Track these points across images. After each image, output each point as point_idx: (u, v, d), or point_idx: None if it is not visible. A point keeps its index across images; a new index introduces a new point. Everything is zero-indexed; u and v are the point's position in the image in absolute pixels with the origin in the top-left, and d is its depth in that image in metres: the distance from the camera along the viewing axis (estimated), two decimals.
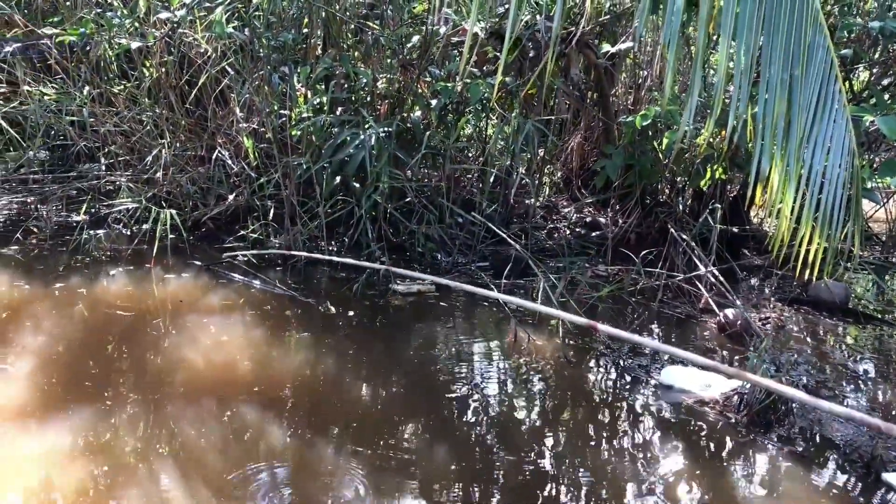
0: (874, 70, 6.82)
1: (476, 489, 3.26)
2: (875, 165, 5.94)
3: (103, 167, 6.97)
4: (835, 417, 4.04)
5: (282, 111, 6.29)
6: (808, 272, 3.36)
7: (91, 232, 6.11)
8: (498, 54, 6.46)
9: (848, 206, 3.25)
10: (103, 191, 6.83)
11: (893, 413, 4.21)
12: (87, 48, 6.58)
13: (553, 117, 7.39)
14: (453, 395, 4.13)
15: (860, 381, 4.70)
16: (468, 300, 5.68)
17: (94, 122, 6.70)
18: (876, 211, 7.33)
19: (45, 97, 6.67)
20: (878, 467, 3.53)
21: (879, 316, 5.79)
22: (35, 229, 6.36)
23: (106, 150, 6.85)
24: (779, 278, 6.15)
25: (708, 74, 6.61)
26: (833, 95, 2.99)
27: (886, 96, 5.15)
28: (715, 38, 5.35)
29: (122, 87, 6.87)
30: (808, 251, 3.31)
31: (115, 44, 6.58)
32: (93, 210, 6.56)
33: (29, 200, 6.81)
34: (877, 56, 6.50)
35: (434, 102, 6.47)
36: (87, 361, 4.19)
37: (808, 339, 5.28)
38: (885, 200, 7.18)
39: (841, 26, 5.69)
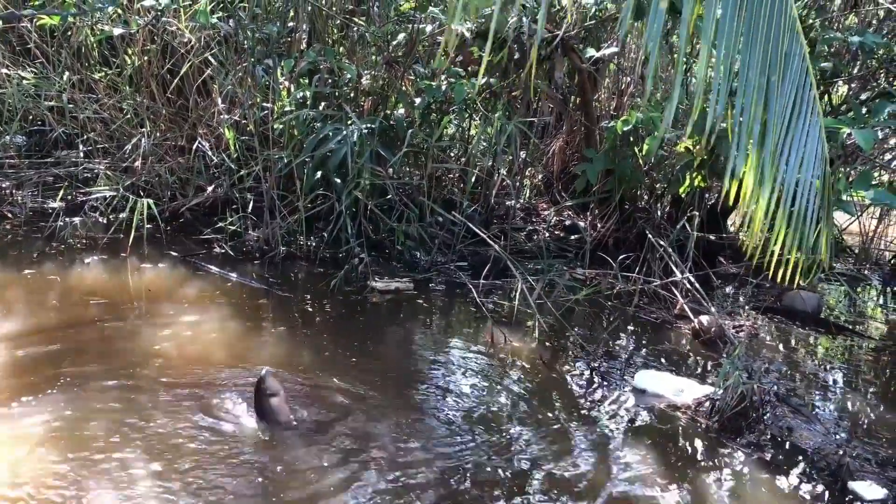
0: (853, 85, 6.91)
1: (447, 487, 3.26)
2: (850, 178, 6.02)
3: (81, 154, 6.88)
4: (805, 426, 4.10)
5: (264, 104, 6.26)
6: (780, 277, 3.39)
7: (67, 219, 6.03)
8: (483, 55, 6.46)
9: (819, 212, 3.29)
10: (80, 178, 6.73)
11: (861, 421, 4.28)
12: (69, 32, 6.50)
13: (535, 119, 7.41)
14: (428, 394, 4.13)
15: (829, 390, 4.77)
16: (446, 299, 5.68)
17: (74, 108, 6.62)
18: (850, 223, 7.44)
19: (24, 81, 6.57)
20: (845, 476, 3.58)
21: (850, 327, 5.87)
22: (9, 214, 6.27)
23: (84, 137, 6.77)
24: (753, 287, 6.21)
25: (688, 81, 6.66)
26: (808, 102, 3.03)
27: (864, 110, 5.21)
28: (696, 45, 5.40)
29: (103, 73, 6.80)
30: (781, 257, 3.35)
31: (97, 30, 6.50)
32: (69, 197, 6.47)
33: (4, 185, 6.71)
34: (856, 71, 6.58)
35: (418, 101, 6.46)
36: (58, 349, 4.14)
37: (781, 348, 5.35)
38: (859, 213, 7.28)
39: (821, 40, 5.76)
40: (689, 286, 5.61)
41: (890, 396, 4.82)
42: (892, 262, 7.68)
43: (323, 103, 6.43)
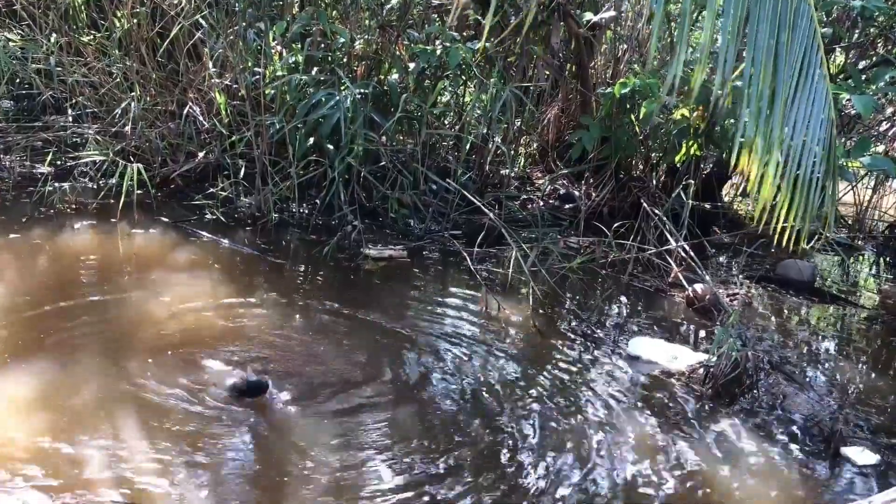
0: (851, 53, 6.85)
1: (439, 453, 3.26)
2: (848, 148, 5.99)
3: (70, 118, 6.77)
4: (798, 393, 4.11)
5: (256, 68, 6.15)
6: (784, 243, 3.36)
7: (56, 184, 5.95)
8: (479, 18, 6.37)
9: (825, 175, 3.26)
10: (69, 143, 6.63)
11: (854, 389, 4.29)
12: None
13: (531, 84, 7.32)
14: (421, 360, 4.11)
15: (822, 358, 4.78)
16: (440, 267, 5.65)
17: (62, 71, 6.50)
18: (845, 193, 7.41)
19: (10, 43, 6.44)
20: (838, 442, 3.59)
21: (844, 296, 5.87)
22: None
23: (73, 101, 6.66)
24: (747, 256, 6.20)
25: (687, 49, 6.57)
26: (815, 65, 2.98)
27: (863, 78, 5.16)
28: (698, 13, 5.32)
29: (92, 36, 6.67)
30: (786, 221, 3.31)
31: None
32: (58, 162, 6.38)
33: None
34: (855, 38, 6.51)
35: (412, 66, 6.37)
36: (47, 314, 4.09)
37: (775, 316, 5.35)
38: (854, 183, 7.26)
39: (821, 5, 5.68)
40: (683, 255, 5.60)
41: (882, 364, 4.84)
42: (885, 232, 7.68)
43: (315, 68, 6.33)
